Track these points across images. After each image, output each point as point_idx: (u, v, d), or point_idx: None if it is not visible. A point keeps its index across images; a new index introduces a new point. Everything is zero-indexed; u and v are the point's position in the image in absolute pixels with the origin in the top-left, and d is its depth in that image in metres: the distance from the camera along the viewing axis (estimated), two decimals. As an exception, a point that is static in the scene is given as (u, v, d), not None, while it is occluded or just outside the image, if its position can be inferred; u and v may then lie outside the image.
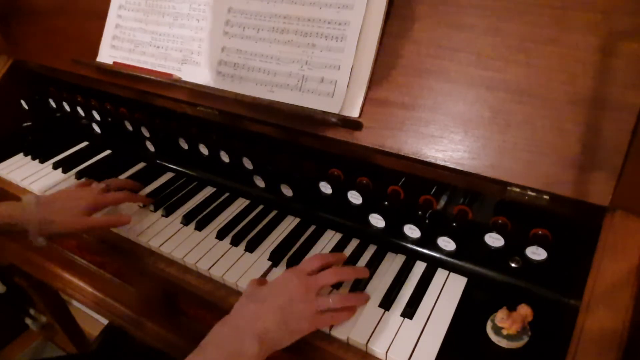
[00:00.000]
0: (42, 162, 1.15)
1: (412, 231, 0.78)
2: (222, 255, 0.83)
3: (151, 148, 1.10)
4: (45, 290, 1.56)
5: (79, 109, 1.18)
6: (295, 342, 0.66)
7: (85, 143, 1.23)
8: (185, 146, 1.03)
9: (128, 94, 1.04)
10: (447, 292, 0.73)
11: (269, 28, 0.83)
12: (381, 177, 0.79)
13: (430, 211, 0.77)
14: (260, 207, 0.95)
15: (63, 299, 1.73)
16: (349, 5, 0.75)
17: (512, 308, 0.65)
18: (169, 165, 1.09)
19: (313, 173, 0.85)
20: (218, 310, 0.78)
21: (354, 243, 0.85)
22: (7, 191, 1.09)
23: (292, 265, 0.80)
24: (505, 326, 0.64)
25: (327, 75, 0.77)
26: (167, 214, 0.94)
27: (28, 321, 1.98)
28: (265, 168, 0.91)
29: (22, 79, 1.27)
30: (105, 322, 1.54)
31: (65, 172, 1.12)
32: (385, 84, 0.73)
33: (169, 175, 1.08)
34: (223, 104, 0.87)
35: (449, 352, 0.65)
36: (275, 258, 0.82)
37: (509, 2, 0.65)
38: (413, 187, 0.78)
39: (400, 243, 0.80)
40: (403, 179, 0.79)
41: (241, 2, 0.85)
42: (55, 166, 1.13)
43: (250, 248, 0.84)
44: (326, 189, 0.85)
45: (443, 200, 0.79)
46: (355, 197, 0.82)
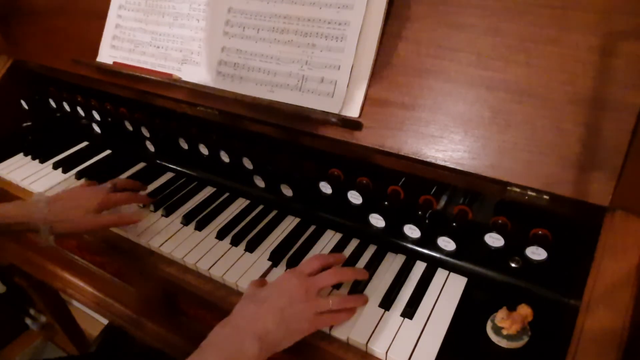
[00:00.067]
0: (42, 162, 1.15)
1: (412, 231, 0.78)
2: (222, 255, 0.83)
3: (151, 148, 1.10)
4: (45, 290, 1.56)
5: (79, 109, 1.18)
6: (295, 342, 0.66)
7: (85, 143, 1.23)
8: (185, 146, 1.03)
9: (128, 94, 1.04)
10: (447, 292, 0.73)
11: (269, 28, 0.83)
12: (381, 177, 0.79)
13: (430, 211, 0.77)
14: (260, 207, 0.95)
15: (63, 299, 1.73)
16: (349, 5, 0.75)
17: (512, 308, 0.65)
18: (169, 165, 1.09)
19: (313, 173, 0.85)
20: (218, 310, 0.78)
21: (354, 243, 0.85)
22: (7, 191, 1.09)
23: (292, 266, 0.80)
24: (505, 326, 0.64)
25: (327, 75, 0.77)
26: (167, 214, 0.94)
27: (28, 321, 1.99)
28: (265, 168, 0.91)
29: (22, 79, 1.27)
30: (105, 322, 1.54)
31: (65, 172, 1.12)
32: (385, 84, 0.73)
33: (169, 175, 1.08)
34: (223, 104, 0.87)
35: (449, 352, 0.65)
36: (275, 258, 0.82)
37: (509, 2, 0.65)
38: (413, 187, 0.78)
39: (400, 243, 0.80)
40: (403, 179, 0.79)
41: (241, 2, 0.85)
42: (55, 166, 1.13)
43: (250, 248, 0.84)
44: (326, 189, 0.85)
45: (443, 200, 0.79)
46: (355, 197, 0.82)
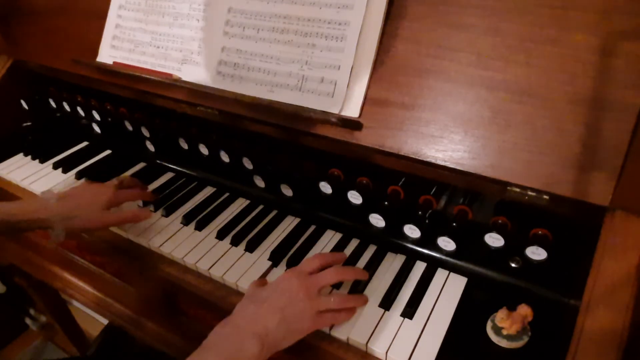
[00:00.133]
0: (42, 162, 1.15)
1: (412, 231, 0.78)
2: (222, 255, 0.83)
3: (151, 148, 1.10)
4: (45, 290, 1.56)
5: (79, 109, 1.18)
6: (296, 342, 0.66)
7: (85, 143, 1.23)
8: (185, 146, 1.03)
9: (128, 94, 1.04)
10: (447, 292, 0.73)
11: (269, 28, 0.83)
12: (381, 177, 0.79)
13: (430, 211, 0.77)
14: (260, 207, 0.95)
15: (63, 299, 1.73)
16: (349, 5, 0.75)
17: (512, 308, 0.65)
18: (169, 165, 1.09)
19: (313, 173, 0.85)
20: (218, 310, 0.78)
21: (354, 243, 0.85)
22: (7, 191, 1.09)
23: (292, 265, 0.80)
24: (505, 326, 0.64)
25: (327, 75, 0.77)
26: (167, 214, 0.94)
27: (28, 321, 1.99)
28: (265, 168, 0.91)
29: (22, 79, 1.27)
30: (105, 322, 1.54)
31: (65, 172, 1.12)
32: (385, 84, 0.73)
33: (169, 175, 1.08)
34: (223, 104, 0.87)
35: (449, 352, 0.65)
36: (275, 258, 0.82)
37: (509, 2, 0.64)
38: (413, 187, 0.78)
39: (400, 243, 0.80)
40: (403, 179, 0.79)
41: (241, 2, 0.85)
42: (55, 166, 1.13)
43: (250, 248, 0.84)
44: (326, 189, 0.85)
45: (443, 200, 0.79)
46: (355, 197, 0.82)
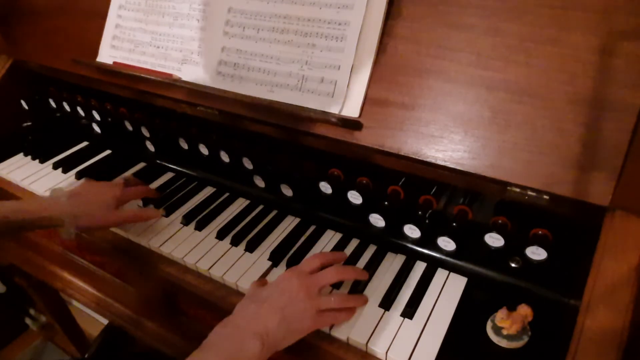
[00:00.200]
0: (42, 162, 1.15)
1: (412, 231, 0.78)
2: (222, 255, 0.83)
3: (151, 148, 1.10)
4: (45, 290, 1.56)
5: (79, 109, 1.18)
6: (296, 342, 0.66)
7: (85, 143, 1.23)
8: (185, 146, 1.03)
9: (128, 94, 1.04)
10: (447, 292, 0.73)
11: (269, 28, 0.83)
12: (381, 177, 0.79)
13: (430, 211, 0.77)
14: (260, 207, 0.95)
15: (63, 299, 1.73)
16: (349, 5, 0.75)
17: (512, 308, 0.65)
18: (169, 165, 1.09)
19: (313, 173, 0.85)
20: (218, 310, 0.78)
21: (354, 243, 0.85)
22: (7, 191, 1.09)
23: (292, 265, 0.80)
24: (505, 326, 0.64)
25: (327, 75, 0.77)
26: (167, 214, 0.94)
27: (28, 321, 1.99)
28: (265, 168, 0.91)
29: (22, 79, 1.27)
30: (105, 322, 1.54)
31: (65, 172, 1.11)
32: (385, 84, 0.73)
33: (169, 175, 1.08)
34: (223, 104, 0.87)
35: (449, 352, 0.65)
36: (275, 258, 0.82)
37: (509, 2, 0.65)
38: (413, 187, 0.78)
39: (400, 243, 0.80)
40: (403, 179, 0.79)
41: (241, 2, 0.85)
42: (55, 166, 1.13)
43: (250, 248, 0.84)
44: (326, 189, 0.85)
45: (443, 200, 0.79)
46: (355, 197, 0.82)
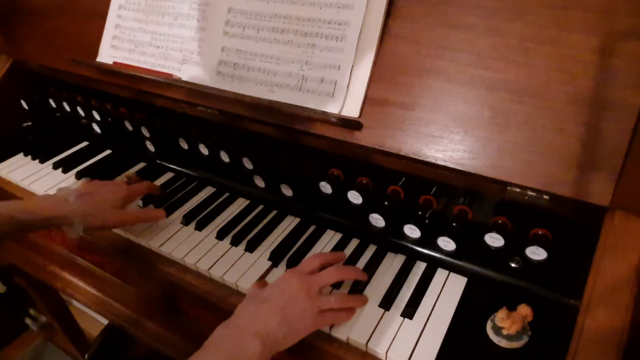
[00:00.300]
0: (42, 162, 1.15)
1: (412, 231, 0.78)
2: (222, 255, 0.83)
3: (151, 148, 1.10)
4: (45, 290, 1.56)
5: (79, 109, 1.18)
6: (297, 342, 0.66)
7: (85, 143, 1.23)
8: (185, 146, 1.03)
9: (128, 94, 1.04)
10: (447, 292, 0.73)
11: (269, 28, 0.83)
12: (381, 177, 0.79)
13: (430, 211, 0.77)
14: (260, 207, 0.95)
15: (63, 299, 1.73)
16: (349, 5, 0.75)
17: (512, 308, 0.65)
18: (169, 165, 1.09)
19: (313, 173, 0.85)
20: (218, 310, 0.78)
21: (354, 243, 0.84)
22: (7, 191, 1.09)
23: (292, 266, 0.80)
24: (505, 326, 0.64)
25: (327, 75, 0.77)
26: (167, 214, 0.94)
27: (28, 321, 1.99)
28: (265, 168, 0.91)
29: (22, 79, 1.27)
30: (105, 322, 1.54)
31: (65, 172, 1.11)
32: (385, 84, 0.73)
33: (169, 175, 1.08)
34: (223, 104, 0.87)
35: (449, 352, 0.65)
36: (275, 258, 0.82)
37: (509, 2, 0.65)
38: (413, 187, 0.78)
39: (400, 243, 0.80)
40: (403, 179, 0.79)
41: (241, 2, 0.85)
42: (56, 166, 1.13)
43: (250, 248, 0.84)
44: (326, 189, 0.85)
45: (443, 200, 0.79)
46: (355, 197, 0.82)
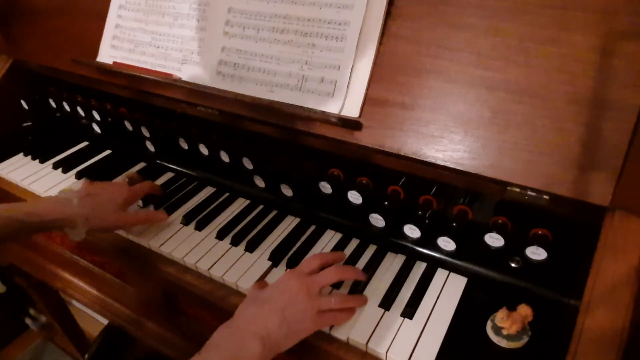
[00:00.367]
0: (42, 162, 1.15)
1: (412, 231, 0.78)
2: (222, 255, 0.83)
3: (151, 148, 1.10)
4: (45, 290, 1.56)
5: (79, 109, 1.18)
6: (297, 343, 0.66)
7: (85, 143, 1.23)
8: (185, 146, 1.03)
9: (128, 94, 1.04)
10: (447, 292, 0.73)
11: (269, 28, 0.83)
12: (381, 177, 0.79)
13: (430, 211, 0.77)
14: (260, 207, 0.95)
15: (63, 299, 1.73)
16: (349, 5, 0.75)
17: (512, 308, 0.65)
18: (169, 165, 1.09)
19: (313, 173, 0.85)
20: (218, 310, 0.78)
21: (354, 243, 0.84)
22: (7, 191, 1.09)
23: (292, 266, 0.80)
24: (505, 326, 0.64)
25: (327, 75, 0.77)
26: (167, 214, 0.94)
27: (28, 321, 1.99)
28: (265, 168, 0.91)
29: (22, 79, 1.27)
30: (105, 322, 1.54)
31: (65, 172, 1.11)
32: (385, 84, 0.73)
33: (169, 175, 1.08)
34: (223, 104, 0.87)
35: (449, 352, 0.65)
36: (275, 258, 0.82)
37: (509, 2, 0.64)
38: (413, 187, 0.78)
39: (400, 243, 0.80)
40: (403, 179, 0.79)
41: (241, 2, 0.85)
42: (55, 166, 1.13)
43: (250, 248, 0.84)
44: (326, 189, 0.85)
45: (443, 200, 0.79)
46: (355, 197, 0.82)
